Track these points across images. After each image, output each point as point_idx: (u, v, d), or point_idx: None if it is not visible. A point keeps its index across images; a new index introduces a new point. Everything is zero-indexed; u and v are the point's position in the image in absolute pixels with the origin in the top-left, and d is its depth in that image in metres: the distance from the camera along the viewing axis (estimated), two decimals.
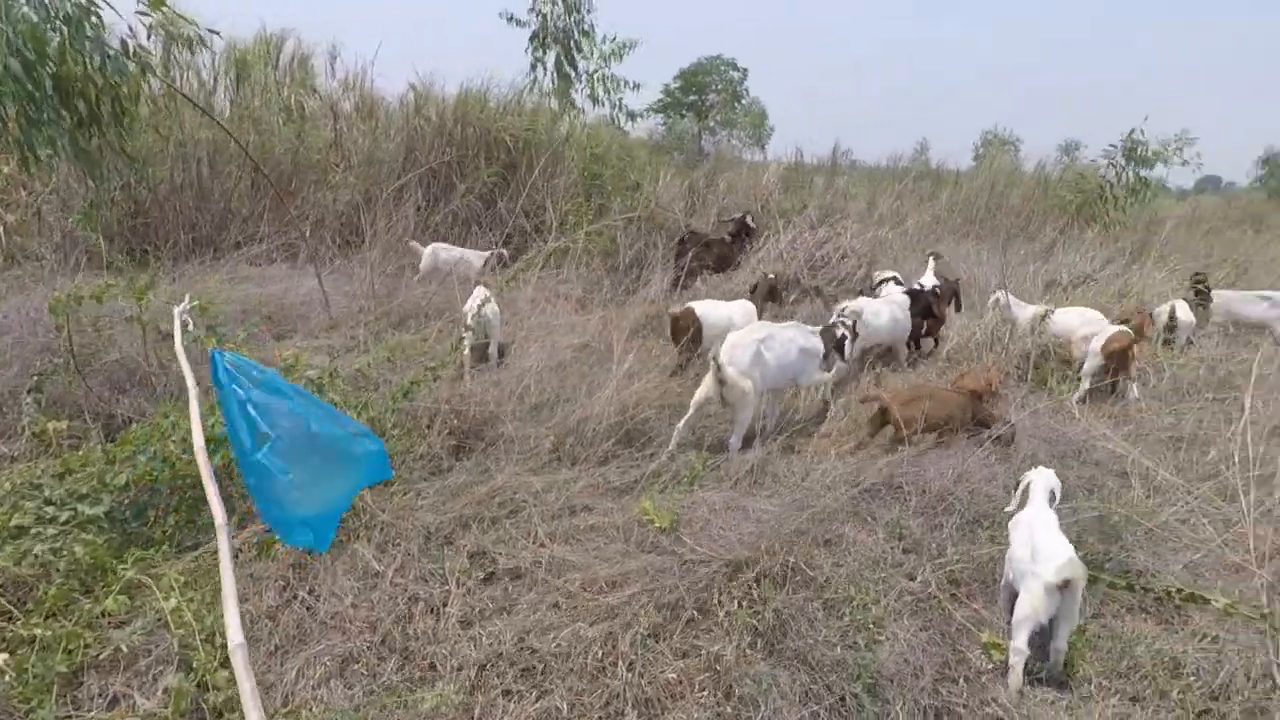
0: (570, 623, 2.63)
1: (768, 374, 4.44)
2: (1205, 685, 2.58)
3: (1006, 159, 16.25)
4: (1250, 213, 17.52)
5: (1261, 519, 3.30)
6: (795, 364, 4.63)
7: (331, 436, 2.02)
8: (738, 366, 4.27)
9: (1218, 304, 7.47)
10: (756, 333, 4.52)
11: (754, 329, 4.61)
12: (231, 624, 1.48)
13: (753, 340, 4.42)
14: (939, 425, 4.38)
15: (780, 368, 4.53)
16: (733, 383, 4.21)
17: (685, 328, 5.45)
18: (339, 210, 8.30)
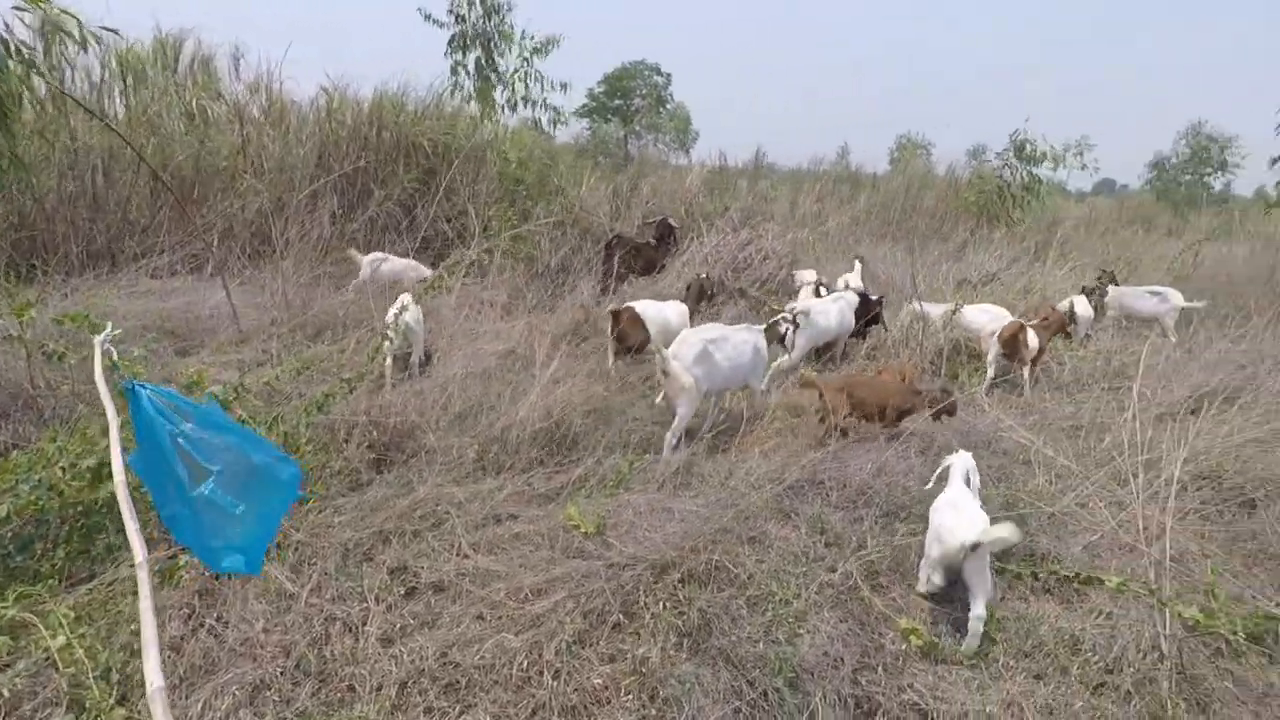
0: (494, 634, 2.58)
1: (717, 374, 4.52)
2: (1101, 659, 2.72)
3: (920, 163, 16.95)
4: (1141, 214, 18.77)
5: (1149, 501, 3.53)
6: (747, 365, 4.73)
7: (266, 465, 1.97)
8: (682, 362, 4.36)
9: (1112, 298, 7.98)
10: (707, 333, 4.60)
11: (707, 329, 4.69)
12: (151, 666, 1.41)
13: (700, 339, 4.49)
14: (875, 412, 4.54)
15: (733, 369, 4.64)
16: (675, 375, 4.34)
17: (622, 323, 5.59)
18: (248, 219, 7.94)
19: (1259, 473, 4.07)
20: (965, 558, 2.83)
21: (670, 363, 4.32)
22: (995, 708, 2.51)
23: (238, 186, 8.19)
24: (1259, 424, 4.33)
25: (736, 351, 4.64)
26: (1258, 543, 3.60)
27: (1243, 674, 2.69)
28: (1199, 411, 4.79)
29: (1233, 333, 6.69)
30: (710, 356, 4.47)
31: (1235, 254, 11.09)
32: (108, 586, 2.73)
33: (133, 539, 1.70)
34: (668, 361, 4.32)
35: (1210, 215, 17.97)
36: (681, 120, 32.91)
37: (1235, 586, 3.16)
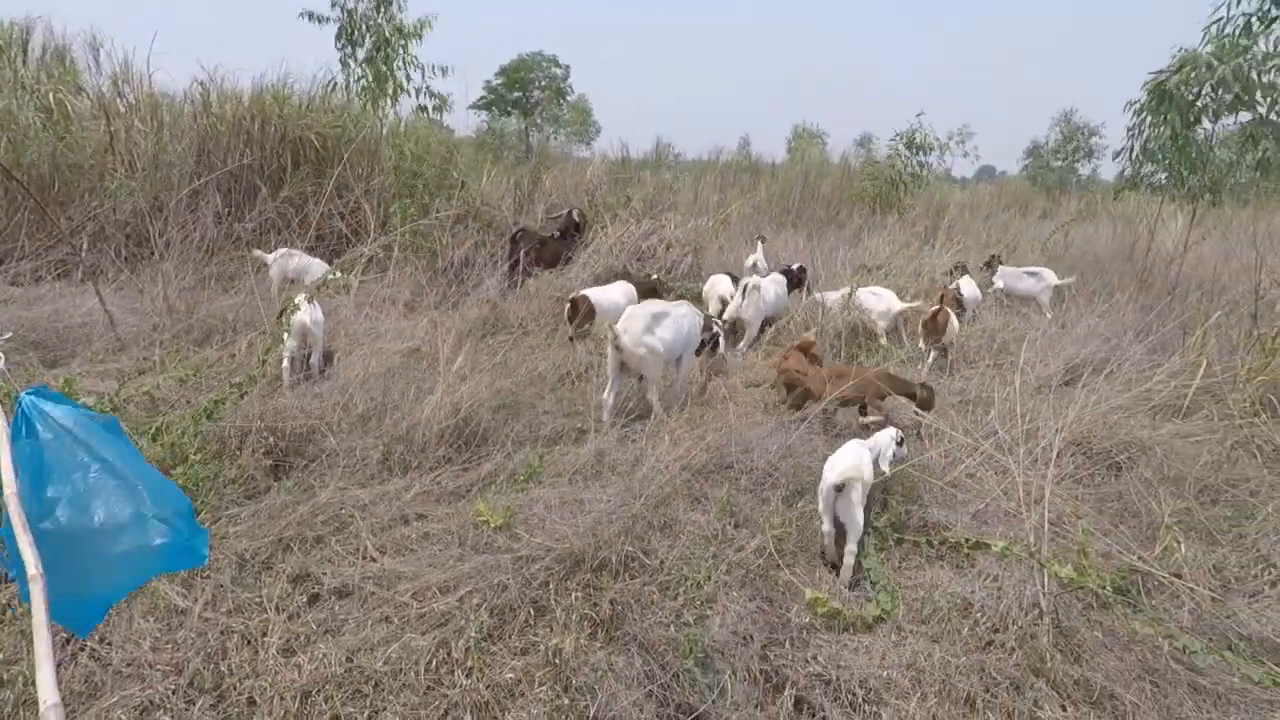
0: (400, 635, 2.53)
1: (663, 345, 4.84)
2: (989, 619, 2.90)
3: (816, 151, 17.50)
4: (1018, 198, 20.02)
5: (1030, 468, 3.79)
6: (684, 340, 5.07)
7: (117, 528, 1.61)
8: (630, 336, 4.68)
9: (998, 279, 8.52)
10: (651, 308, 4.93)
11: (649, 304, 5.02)
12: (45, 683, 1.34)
13: (647, 313, 4.84)
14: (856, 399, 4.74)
15: (674, 341, 4.96)
16: (628, 350, 4.69)
17: (584, 310, 6.09)
18: (122, 220, 7.38)
19: (1123, 437, 4.43)
20: (835, 498, 3.27)
21: (622, 338, 4.65)
22: (895, 672, 2.65)
23: (107, 185, 7.60)
24: (1122, 392, 4.71)
25: (676, 326, 4.97)
26: (1123, 502, 3.92)
27: (1111, 624, 2.92)
28: (1072, 383, 5.19)
29: (1100, 307, 7.23)
30: (654, 329, 4.81)
31: (1100, 234, 11.98)
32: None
33: (24, 551, 1.56)
34: (620, 338, 4.65)
35: (1078, 199, 19.35)
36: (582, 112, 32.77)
37: (1104, 544, 3.42)
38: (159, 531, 1.65)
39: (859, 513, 3.27)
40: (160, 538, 1.65)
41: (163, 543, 1.65)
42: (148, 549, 1.64)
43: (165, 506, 1.68)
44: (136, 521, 1.63)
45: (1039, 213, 17.64)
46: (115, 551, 1.62)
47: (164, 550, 1.65)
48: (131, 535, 1.62)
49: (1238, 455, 4.33)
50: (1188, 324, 6.04)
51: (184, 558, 1.69)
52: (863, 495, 3.33)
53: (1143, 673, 2.69)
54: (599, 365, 5.62)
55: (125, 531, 1.62)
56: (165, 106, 8.57)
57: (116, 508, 1.62)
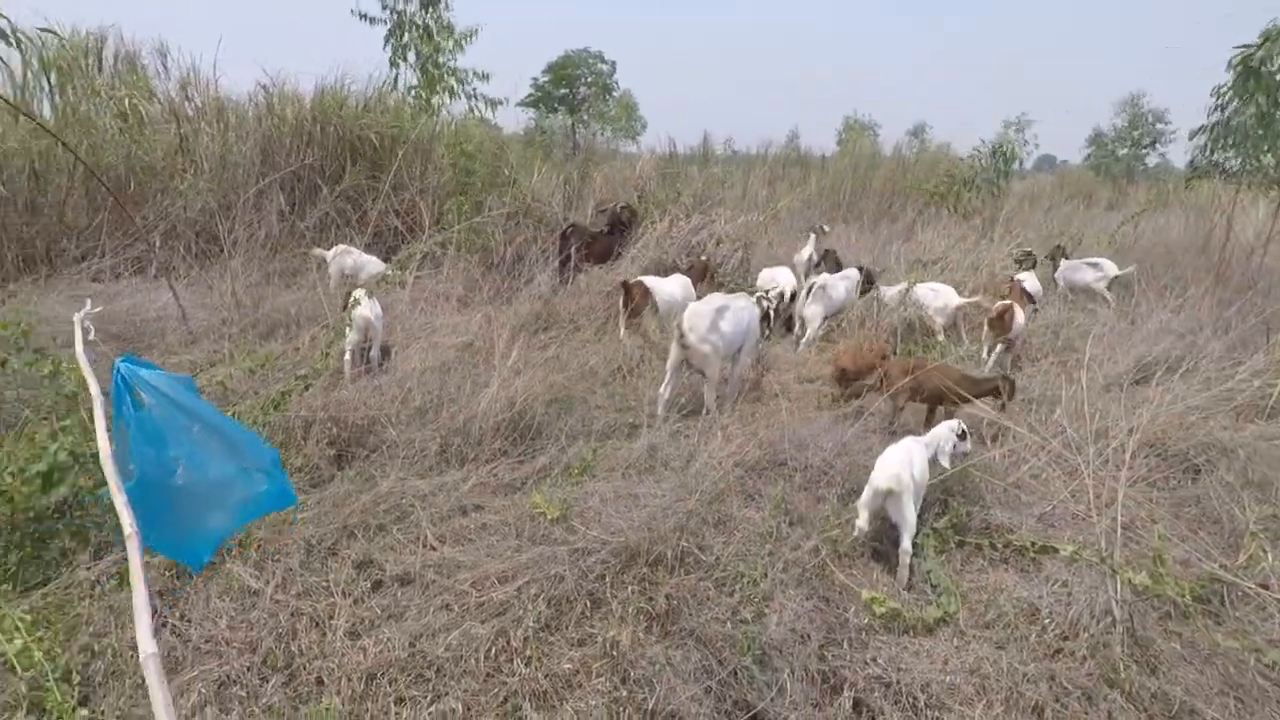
0: (461, 623, 2.58)
1: (723, 341, 4.86)
2: (1057, 626, 2.81)
3: (867, 143, 17.15)
4: (1081, 188, 19.29)
5: (1100, 469, 3.65)
6: (743, 332, 5.07)
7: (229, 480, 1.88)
8: (697, 333, 4.73)
9: (1060, 273, 8.26)
10: (714, 303, 4.93)
11: (712, 299, 5.01)
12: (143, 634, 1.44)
13: (711, 310, 4.85)
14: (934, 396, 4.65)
15: (735, 335, 4.98)
16: (694, 347, 4.73)
17: (637, 296, 6.08)
18: (192, 218, 7.69)
19: (1201, 439, 4.23)
20: (886, 500, 3.21)
21: (689, 336, 4.71)
22: (958, 677, 2.58)
23: (178, 186, 7.92)
24: (1200, 391, 4.50)
25: (737, 319, 4.99)
26: (1201, 507, 3.75)
27: (1190, 635, 2.80)
28: (1144, 381, 4.98)
29: (1172, 302, 6.93)
30: (719, 325, 4.83)
31: (1172, 225, 11.48)
32: (64, 590, 2.67)
33: (121, 511, 1.71)
34: (686, 335, 4.71)
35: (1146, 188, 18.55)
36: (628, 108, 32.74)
37: (1182, 551, 3.28)
38: (259, 480, 1.89)
39: (911, 513, 3.20)
40: (263, 485, 1.89)
41: (265, 489, 1.90)
42: (256, 495, 1.89)
43: (262, 458, 1.92)
44: (242, 474, 1.87)
45: (1104, 203, 16.98)
46: (230, 501, 1.87)
47: (267, 495, 1.90)
48: (241, 486, 1.87)
49: None
50: (1271, 320, 5.74)
51: (281, 500, 1.95)
52: (915, 496, 3.26)
53: (1225, 688, 2.57)
54: (650, 360, 5.63)
55: (235, 482, 1.86)
56: (231, 109, 8.88)
57: (225, 462, 1.86)
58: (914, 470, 3.29)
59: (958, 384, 4.55)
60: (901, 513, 3.19)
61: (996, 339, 5.96)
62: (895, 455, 3.36)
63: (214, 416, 1.92)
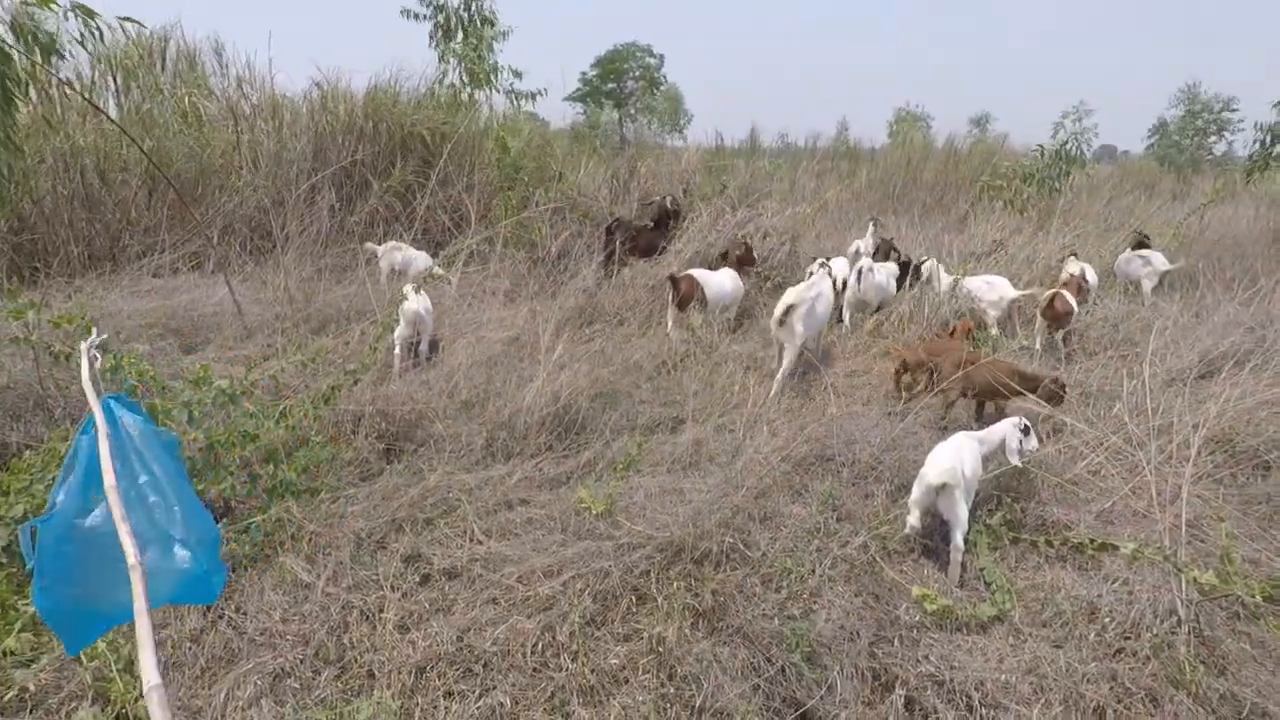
0: (508, 617, 2.60)
1: (813, 324, 5.30)
2: (1118, 625, 2.72)
3: (919, 135, 16.77)
4: (1143, 179, 18.56)
5: (1161, 466, 3.51)
6: (821, 320, 5.48)
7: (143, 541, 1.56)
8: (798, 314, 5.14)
9: (1116, 265, 7.96)
10: (809, 292, 5.30)
11: (806, 289, 5.33)
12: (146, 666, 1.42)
13: (809, 298, 5.24)
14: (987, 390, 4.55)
15: (821, 319, 5.45)
16: (790, 326, 5.16)
17: (685, 289, 6.17)
18: (247, 215, 7.92)
19: (1271, 435, 4.05)
20: (938, 495, 3.15)
21: (798, 325, 5.12)
22: (1014, 676, 2.52)
23: (235, 183, 8.15)
24: (1270, 386, 4.30)
25: (823, 305, 5.41)
26: (1271, 505, 3.59)
27: (1260, 636, 2.69)
28: (1209, 376, 4.78)
29: (1240, 295, 6.63)
30: (814, 311, 5.26)
31: (1239, 215, 10.98)
32: None
33: (125, 541, 1.62)
34: (791, 314, 5.12)
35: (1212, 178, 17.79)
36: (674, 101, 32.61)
37: (1251, 549, 3.15)
38: (182, 557, 1.65)
39: (963, 509, 3.14)
40: (182, 563, 1.65)
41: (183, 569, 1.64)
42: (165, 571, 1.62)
43: (192, 533, 1.68)
44: (163, 541, 1.65)
45: (1168, 194, 16.30)
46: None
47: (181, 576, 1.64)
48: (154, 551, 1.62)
49: None
50: None
51: (196, 590, 1.67)
52: (966, 492, 3.19)
53: None
54: (695, 354, 5.60)
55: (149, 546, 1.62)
56: (285, 107, 9.09)
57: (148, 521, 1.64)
58: (966, 466, 3.21)
59: (1008, 378, 4.42)
60: (953, 509, 3.13)
61: (1052, 329, 5.82)
62: (947, 450, 3.30)
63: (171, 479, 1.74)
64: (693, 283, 6.20)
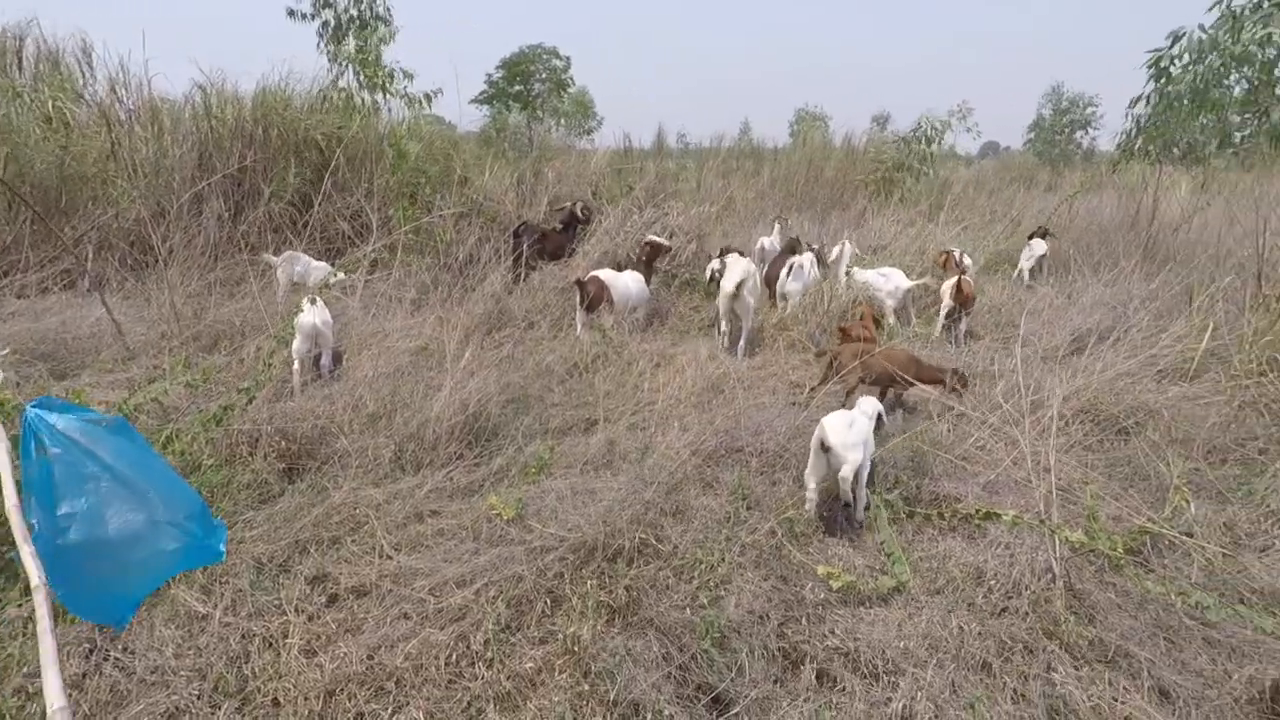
0: (419, 631, 2.56)
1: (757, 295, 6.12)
2: (1002, 586, 2.92)
3: (819, 135, 17.31)
4: (1023, 173, 19.85)
5: (1038, 439, 3.79)
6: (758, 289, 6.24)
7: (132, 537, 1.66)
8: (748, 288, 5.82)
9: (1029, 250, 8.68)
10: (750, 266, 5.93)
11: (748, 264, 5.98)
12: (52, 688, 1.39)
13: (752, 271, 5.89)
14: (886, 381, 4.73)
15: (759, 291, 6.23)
16: (744, 299, 5.81)
17: (590, 289, 6.21)
18: (125, 228, 7.41)
19: (1130, 403, 4.43)
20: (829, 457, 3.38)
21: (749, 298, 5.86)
22: (912, 641, 2.66)
23: (110, 193, 7.62)
24: (1129, 358, 4.69)
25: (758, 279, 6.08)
26: (1132, 467, 3.93)
27: (1123, 585, 2.94)
28: (1079, 352, 5.17)
29: (1105, 277, 7.21)
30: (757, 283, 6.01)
31: (1104, 205, 11.89)
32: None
33: (28, 562, 1.59)
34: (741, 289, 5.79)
35: (1081, 171, 19.17)
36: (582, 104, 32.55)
37: (1115, 508, 3.44)
38: (172, 536, 1.69)
39: (863, 490, 3.40)
40: (174, 542, 1.69)
41: (176, 547, 1.69)
42: (163, 553, 1.68)
43: (177, 511, 1.71)
44: (150, 528, 1.67)
45: (1043, 186, 17.49)
46: (133, 559, 1.67)
47: (179, 553, 1.69)
48: (146, 543, 1.67)
49: (1245, 415, 4.33)
50: (1192, 289, 6.01)
51: (201, 556, 1.74)
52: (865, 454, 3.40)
53: (1156, 630, 2.71)
54: (607, 355, 5.63)
55: (140, 540, 1.66)
56: (165, 111, 8.56)
57: (130, 516, 1.65)
58: (855, 431, 3.42)
59: (904, 368, 4.66)
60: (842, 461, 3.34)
61: (961, 311, 6.28)
62: (835, 417, 3.52)
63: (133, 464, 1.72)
64: (600, 285, 6.24)
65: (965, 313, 6.32)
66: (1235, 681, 2.44)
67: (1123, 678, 2.50)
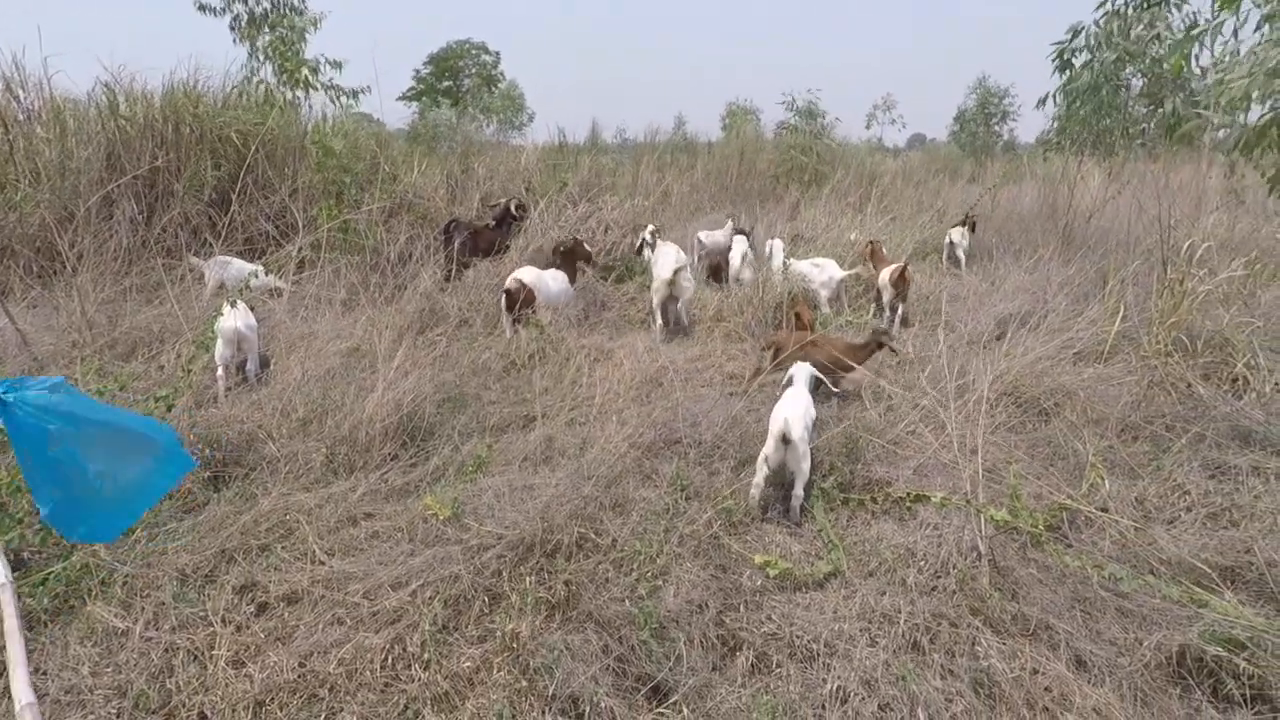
0: (353, 636, 2.50)
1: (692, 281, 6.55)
2: (931, 566, 3.02)
3: (751, 128, 17.54)
4: (948, 164, 20.52)
5: (964, 421, 3.92)
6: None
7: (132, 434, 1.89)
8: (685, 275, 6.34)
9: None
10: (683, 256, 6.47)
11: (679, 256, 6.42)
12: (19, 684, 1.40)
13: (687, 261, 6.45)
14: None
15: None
16: (679, 283, 6.30)
17: (518, 294, 6.18)
18: (28, 234, 6.99)
19: (1049, 384, 4.63)
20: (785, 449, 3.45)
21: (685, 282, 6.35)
22: (847, 624, 2.73)
23: (10, 198, 7.18)
24: (1046, 341, 4.90)
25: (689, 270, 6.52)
26: (1052, 446, 4.11)
27: (1044, 560, 3.07)
28: (1002, 337, 5.38)
29: (1027, 264, 7.52)
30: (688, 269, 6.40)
31: (1025, 195, 12.39)
32: None
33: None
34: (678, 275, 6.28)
35: (1003, 162, 19.92)
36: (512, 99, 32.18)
37: (1036, 486, 3.59)
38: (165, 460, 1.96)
39: (807, 462, 3.48)
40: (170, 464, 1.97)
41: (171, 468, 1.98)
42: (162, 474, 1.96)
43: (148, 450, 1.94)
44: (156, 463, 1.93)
45: (967, 176, 18.12)
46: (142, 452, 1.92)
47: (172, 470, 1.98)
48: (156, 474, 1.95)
49: (1154, 394, 4.57)
50: (1105, 274, 6.32)
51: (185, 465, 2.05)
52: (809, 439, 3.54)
53: (1074, 602, 2.84)
54: (544, 352, 5.60)
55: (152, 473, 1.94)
56: (69, 111, 8.10)
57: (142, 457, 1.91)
58: (808, 416, 3.60)
59: (843, 354, 4.78)
60: (799, 461, 3.46)
61: (897, 297, 6.50)
62: (789, 404, 3.65)
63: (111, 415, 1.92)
64: (521, 286, 6.20)
65: (902, 300, 6.51)
66: (1145, 648, 2.56)
67: (1043, 649, 2.60)
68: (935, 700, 2.38)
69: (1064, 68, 8.74)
